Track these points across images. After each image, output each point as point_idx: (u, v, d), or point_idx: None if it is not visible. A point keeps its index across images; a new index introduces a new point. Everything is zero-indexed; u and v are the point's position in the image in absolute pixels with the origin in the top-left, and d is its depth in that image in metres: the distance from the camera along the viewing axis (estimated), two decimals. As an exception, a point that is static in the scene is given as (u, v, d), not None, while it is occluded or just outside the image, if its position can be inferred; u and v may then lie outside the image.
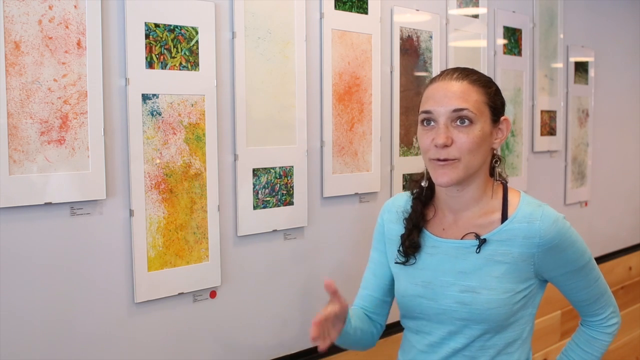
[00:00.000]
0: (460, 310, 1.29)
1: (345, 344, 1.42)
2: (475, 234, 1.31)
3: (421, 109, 1.31)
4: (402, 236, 1.39)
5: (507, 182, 1.38)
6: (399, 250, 1.40)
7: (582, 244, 1.33)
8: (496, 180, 1.36)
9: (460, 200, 1.34)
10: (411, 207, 1.41)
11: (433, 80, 1.33)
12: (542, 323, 2.77)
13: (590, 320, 1.42)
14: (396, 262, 1.40)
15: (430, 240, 1.37)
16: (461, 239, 1.33)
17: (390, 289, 1.48)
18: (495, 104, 1.32)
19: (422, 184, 1.39)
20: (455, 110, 1.26)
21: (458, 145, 1.26)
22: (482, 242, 1.30)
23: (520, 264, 1.29)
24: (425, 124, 1.30)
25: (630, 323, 3.35)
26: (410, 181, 1.47)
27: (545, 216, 1.28)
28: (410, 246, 1.37)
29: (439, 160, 1.27)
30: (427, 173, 1.35)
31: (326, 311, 1.23)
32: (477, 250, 1.30)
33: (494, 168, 1.36)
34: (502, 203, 1.33)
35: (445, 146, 1.26)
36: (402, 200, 1.46)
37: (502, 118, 1.33)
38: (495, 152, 1.36)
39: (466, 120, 1.26)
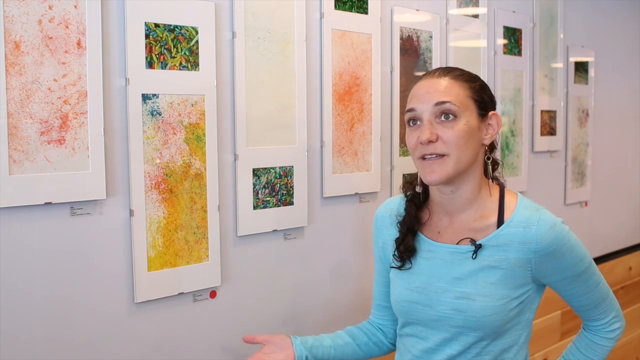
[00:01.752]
0: (456, 317, 1.27)
1: None
2: (471, 239, 1.29)
3: (406, 109, 1.30)
4: (397, 240, 1.37)
5: (504, 184, 1.36)
6: (394, 255, 1.37)
7: (582, 249, 1.30)
8: (492, 181, 1.34)
9: (454, 201, 1.31)
10: (405, 210, 1.39)
11: (417, 80, 1.32)
12: (542, 323, 2.77)
13: (592, 325, 1.39)
14: (392, 267, 1.38)
15: (425, 244, 1.34)
16: (457, 243, 1.30)
17: None
18: (482, 98, 1.29)
19: (417, 189, 1.37)
20: (438, 104, 1.24)
21: (444, 141, 1.24)
22: (478, 247, 1.27)
23: (517, 270, 1.26)
24: (411, 124, 1.29)
25: (630, 323, 3.33)
26: (404, 182, 1.45)
27: (542, 221, 1.25)
28: (405, 250, 1.35)
29: (425, 157, 1.25)
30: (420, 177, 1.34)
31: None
32: (474, 257, 1.28)
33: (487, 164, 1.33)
34: (499, 206, 1.30)
35: (431, 142, 1.24)
36: (395, 203, 1.43)
37: (491, 113, 1.30)
38: (487, 150, 1.33)
39: (450, 115, 1.24)
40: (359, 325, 1.54)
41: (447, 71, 1.30)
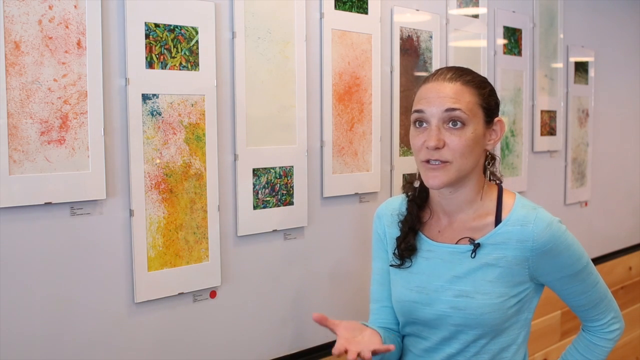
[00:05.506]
0: (455, 315, 1.28)
1: None
2: (470, 238, 1.30)
3: (413, 109, 1.29)
4: (398, 239, 1.37)
5: (502, 183, 1.36)
6: (394, 253, 1.38)
7: (579, 248, 1.31)
8: (490, 180, 1.34)
9: (454, 202, 1.32)
10: (407, 209, 1.39)
11: (426, 80, 1.31)
12: (542, 323, 2.78)
13: (591, 325, 1.39)
14: (391, 265, 1.38)
15: (426, 244, 1.35)
16: (456, 243, 1.31)
17: None
18: (489, 105, 1.29)
19: (415, 184, 1.37)
20: (447, 110, 1.24)
21: (450, 148, 1.24)
22: (477, 246, 1.28)
23: (514, 268, 1.27)
24: (417, 125, 1.28)
25: (630, 323, 3.33)
26: (405, 183, 1.45)
27: (539, 219, 1.26)
28: (406, 249, 1.35)
29: (429, 162, 1.26)
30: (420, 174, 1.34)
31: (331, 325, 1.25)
32: (472, 255, 1.29)
33: (487, 168, 1.34)
34: (497, 205, 1.31)
35: (437, 148, 1.24)
36: (397, 202, 1.44)
37: (496, 119, 1.31)
38: (488, 155, 1.34)
39: (458, 123, 1.24)
40: (384, 327, 1.43)
41: (458, 75, 1.28)
